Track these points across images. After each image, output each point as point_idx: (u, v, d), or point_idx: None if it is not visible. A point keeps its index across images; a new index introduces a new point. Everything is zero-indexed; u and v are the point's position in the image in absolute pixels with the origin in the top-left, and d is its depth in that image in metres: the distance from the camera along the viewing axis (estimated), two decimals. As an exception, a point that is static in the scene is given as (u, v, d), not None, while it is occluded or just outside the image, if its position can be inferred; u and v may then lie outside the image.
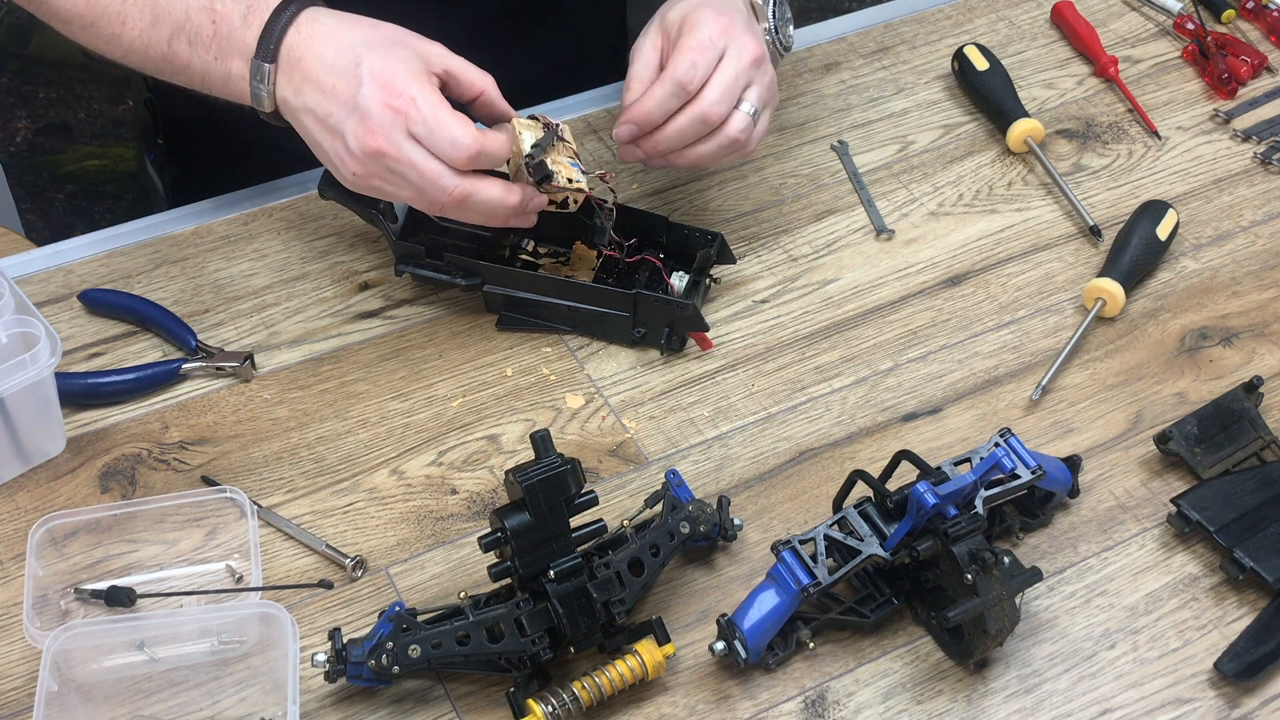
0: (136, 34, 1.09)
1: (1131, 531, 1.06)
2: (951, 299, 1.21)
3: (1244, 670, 0.97)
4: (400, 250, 1.15)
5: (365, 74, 1.02)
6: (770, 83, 1.13)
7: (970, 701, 0.97)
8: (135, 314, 1.17)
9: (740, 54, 1.09)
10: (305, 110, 1.05)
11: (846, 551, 0.95)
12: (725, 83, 1.09)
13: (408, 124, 1.01)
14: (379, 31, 1.05)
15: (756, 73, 1.11)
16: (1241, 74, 1.39)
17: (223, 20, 1.06)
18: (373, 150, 1.02)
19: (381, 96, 1.01)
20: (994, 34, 1.44)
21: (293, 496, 1.07)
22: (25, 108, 2.64)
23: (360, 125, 1.02)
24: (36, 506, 1.05)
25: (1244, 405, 1.09)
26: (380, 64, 1.02)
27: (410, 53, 1.04)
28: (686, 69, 1.08)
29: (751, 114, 1.10)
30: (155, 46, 1.09)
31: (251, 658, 0.97)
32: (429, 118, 1.01)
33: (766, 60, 1.12)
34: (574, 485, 0.93)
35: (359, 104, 1.02)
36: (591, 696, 0.93)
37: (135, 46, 1.10)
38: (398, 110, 1.01)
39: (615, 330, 1.16)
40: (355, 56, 1.02)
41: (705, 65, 1.08)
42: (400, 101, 1.01)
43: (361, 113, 1.02)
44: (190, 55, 1.08)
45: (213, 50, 1.07)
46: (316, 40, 1.04)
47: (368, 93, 1.01)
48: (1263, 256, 1.25)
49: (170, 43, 1.08)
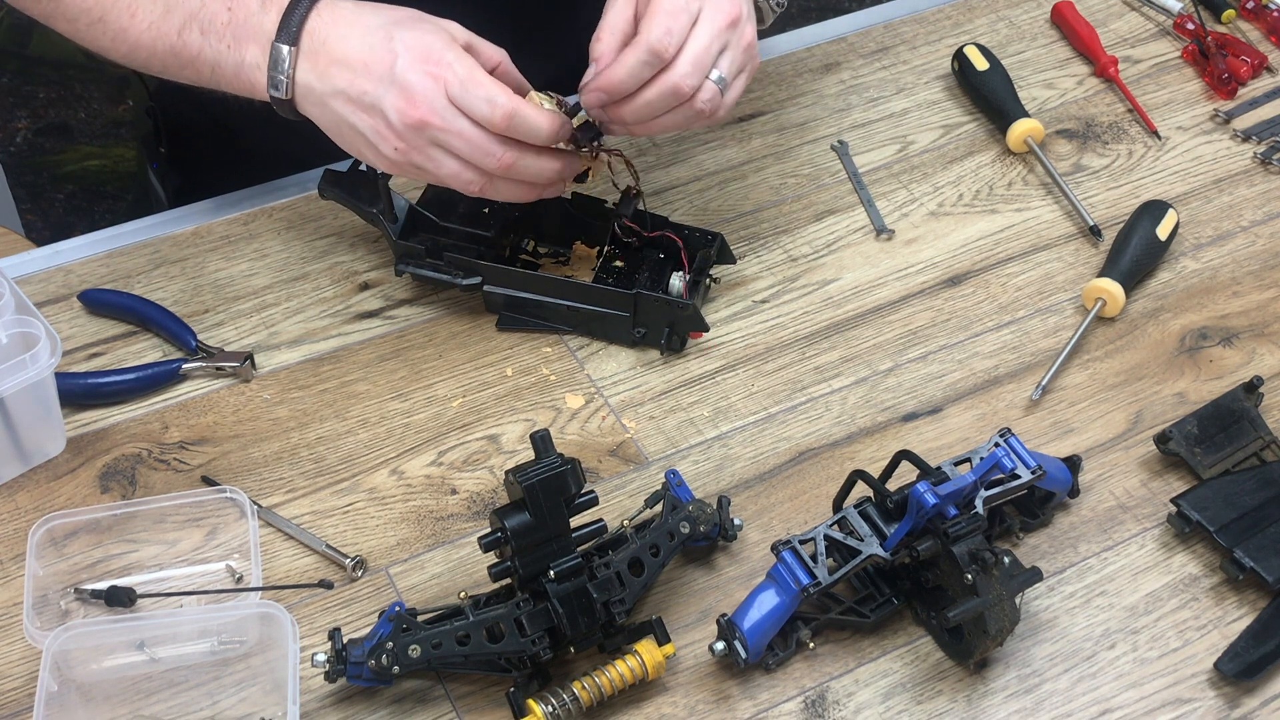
0: (145, 25, 1.08)
1: (1131, 531, 1.06)
2: (951, 299, 1.21)
3: (1244, 670, 0.97)
4: (400, 250, 1.15)
5: (399, 47, 1.01)
6: (747, 45, 1.07)
7: (970, 701, 0.97)
8: (135, 314, 1.17)
9: (715, 17, 1.04)
10: (335, 93, 1.03)
11: (846, 551, 0.95)
12: (697, 52, 1.04)
13: (446, 87, 1.00)
14: (399, 12, 1.05)
15: (731, 35, 1.06)
16: (1241, 74, 1.39)
17: (239, 6, 1.05)
18: (416, 121, 1.01)
19: (419, 64, 1.00)
20: (994, 34, 1.44)
21: (293, 496, 1.07)
22: (25, 108, 2.64)
23: (401, 97, 1.01)
24: (36, 506, 1.05)
25: (1244, 405, 1.09)
26: (412, 36, 1.02)
27: (436, 26, 1.04)
28: (661, 35, 1.02)
29: (719, 83, 1.05)
30: (164, 38, 1.08)
31: (251, 658, 0.97)
32: (465, 79, 1.00)
33: (744, 21, 1.06)
34: (574, 485, 0.93)
35: (397, 76, 1.01)
36: (591, 696, 0.93)
37: (143, 40, 1.08)
38: (435, 76, 1.00)
39: (615, 330, 1.16)
40: (385, 33, 1.02)
41: (680, 31, 1.03)
42: (437, 67, 1.00)
43: (401, 84, 1.01)
44: (201, 44, 1.07)
45: (226, 38, 1.06)
46: (340, 23, 1.04)
47: (405, 63, 1.01)
48: (1263, 256, 1.25)
49: (181, 32, 1.07)
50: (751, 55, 1.09)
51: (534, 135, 1.04)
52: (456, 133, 1.01)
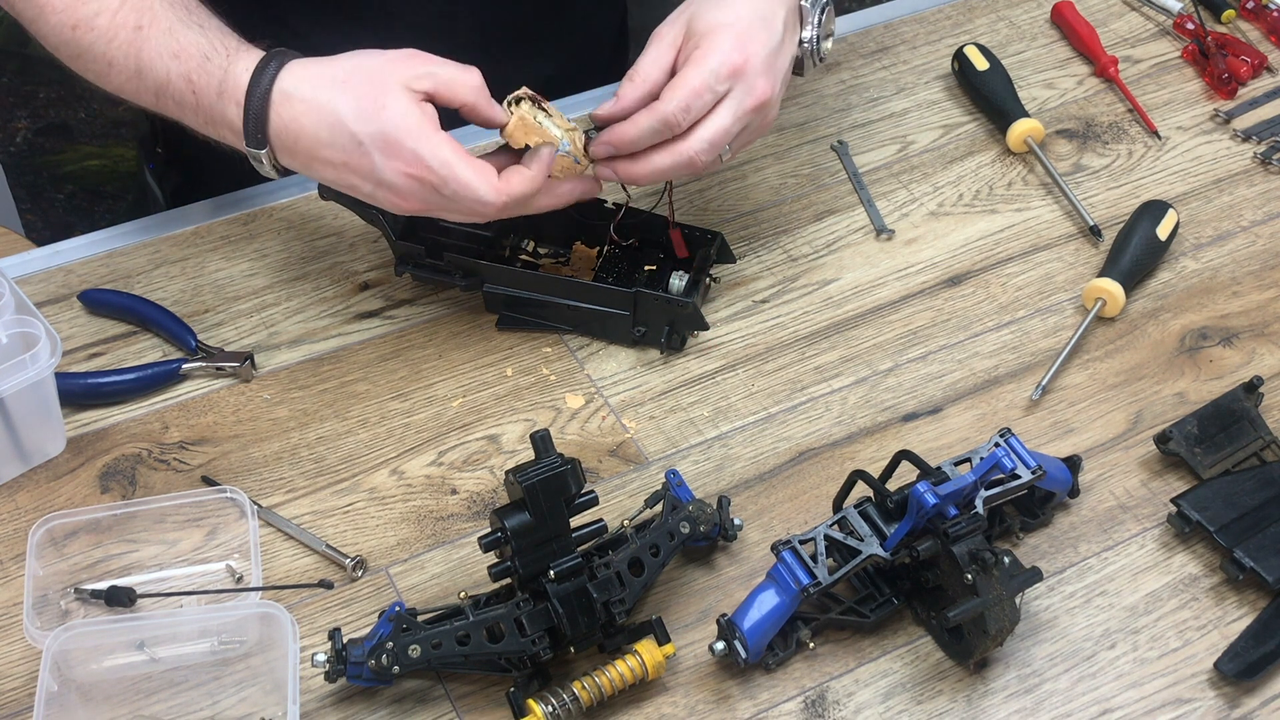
0: (123, 80, 1.07)
1: (1131, 531, 1.06)
2: (951, 299, 1.21)
3: (1244, 670, 0.97)
4: (400, 250, 1.15)
5: (369, 148, 0.99)
6: (766, 124, 1.08)
7: (970, 701, 0.97)
8: (135, 314, 1.17)
9: (744, 99, 1.04)
10: (329, 179, 1.04)
11: (846, 551, 0.95)
12: (715, 132, 1.04)
13: (434, 188, 1.00)
14: (351, 81, 1.00)
15: (755, 117, 1.06)
16: (1241, 74, 1.39)
17: (201, 93, 1.04)
18: (412, 210, 1.03)
19: (397, 167, 1.00)
20: (994, 34, 1.44)
21: (293, 496, 1.07)
22: (25, 108, 2.64)
23: (392, 194, 1.02)
24: (36, 506, 1.05)
25: (1244, 405, 1.09)
26: (375, 130, 0.99)
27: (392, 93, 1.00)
28: (677, 111, 1.03)
29: (724, 153, 1.07)
30: (143, 97, 1.07)
31: (251, 658, 0.97)
32: (449, 181, 0.99)
33: (771, 103, 1.07)
34: (574, 485, 0.93)
35: (381, 178, 1.01)
36: (591, 696, 0.93)
37: (124, 91, 1.08)
38: (417, 179, 1.00)
39: (615, 330, 1.16)
40: (349, 133, 0.99)
41: (699, 109, 1.03)
42: (414, 168, 0.99)
43: (388, 185, 1.01)
44: (180, 114, 1.07)
45: (200, 118, 1.06)
46: (301, 119, 1.01)
47: (382, 165, 1.00)
48: (1263, 256, 1.25)
49: (157, 98, 1.06)
50: (766, 128, 1.10)
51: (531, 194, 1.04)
52: (450, 211, 1.03)
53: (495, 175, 1.01)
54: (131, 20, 1.05)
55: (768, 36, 1.05)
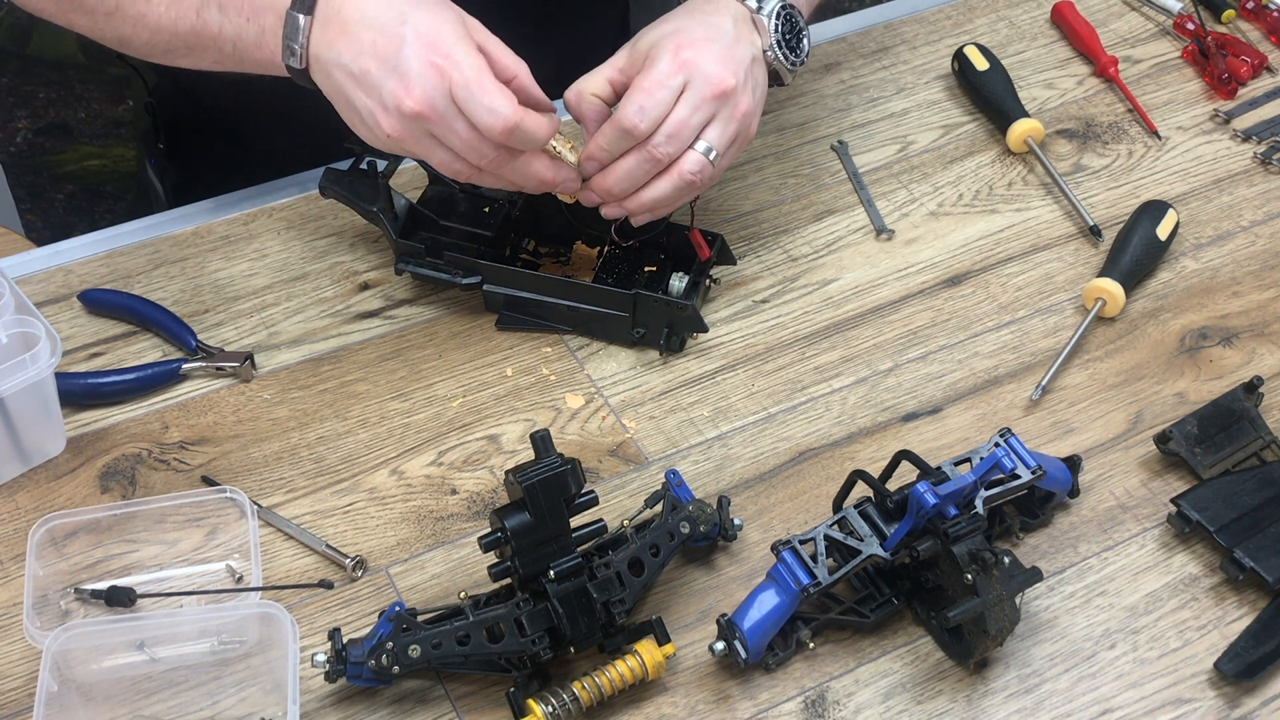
0: (164, 8, 1.05)
1: (1131, 531, 1.06)
2: (951, 299, 1.21)
3: (1244, 670, 0.97)
4: (400, 250, 1.15)
5: (409, 31, 0.98)
6: (740, 116, 1.07)
7: (970, 701, 0.97)
8: (135, 314, 1.17)
9: (701, 88, 1.04)
10: (337, 65, 1.00)
11: (846, 551, 0.95)
12: (676, 122, 1.04)
13: (450, 85, 0.98)
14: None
15: (721, 106, 1.05)
16: (1241, 74, 1.39)
17: None
18: (412, 113, 0.99)
19: (425, 54, 0.97)
20: (994, 34, 1.44)
21: (293, 496, 1.07)
22: (25, 108, 2.64)
23: (400, 85, 0.98)
24: (36, 506, 1.05)
25: (1244, 405, 1.09)
26: (426, 21, 0.98)
27: (456, 16, 1.00)
28: (633, 114, 1.03)
29: (708, 153, 1.06)
30: (184, 19, 1.05)
31: (251, 658, 0.97)
32: (471, 81, 0.97)
33: (737, 92, 1.05)
34: (574, 485, 0.93)
35: (400, 63, 0.98)
36: (591, 696, 0.93)
37: (163, 22, 1.06)
38: (441, 70, 0.97)
39: (615, 330, 1.16)
40: (400, 12, 0.98)
41: (655, 106, 1.03)
42: (444, 61, 0.97)
43: (402, 73, 0.98)
44: (221, 21, 1.04)
45: (245, 11, 1.03)
46: None
47: (411, 51, 0.98)
48: (1263, 256, 1.25)
49: (200, 11, 1.04)
50: (744, 126, 1.08)
51: (532, 146, 1.03)
52: (452, 131, 0.99)
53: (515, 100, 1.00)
54: None
55: (712, 34, 1.06)
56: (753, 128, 1.09)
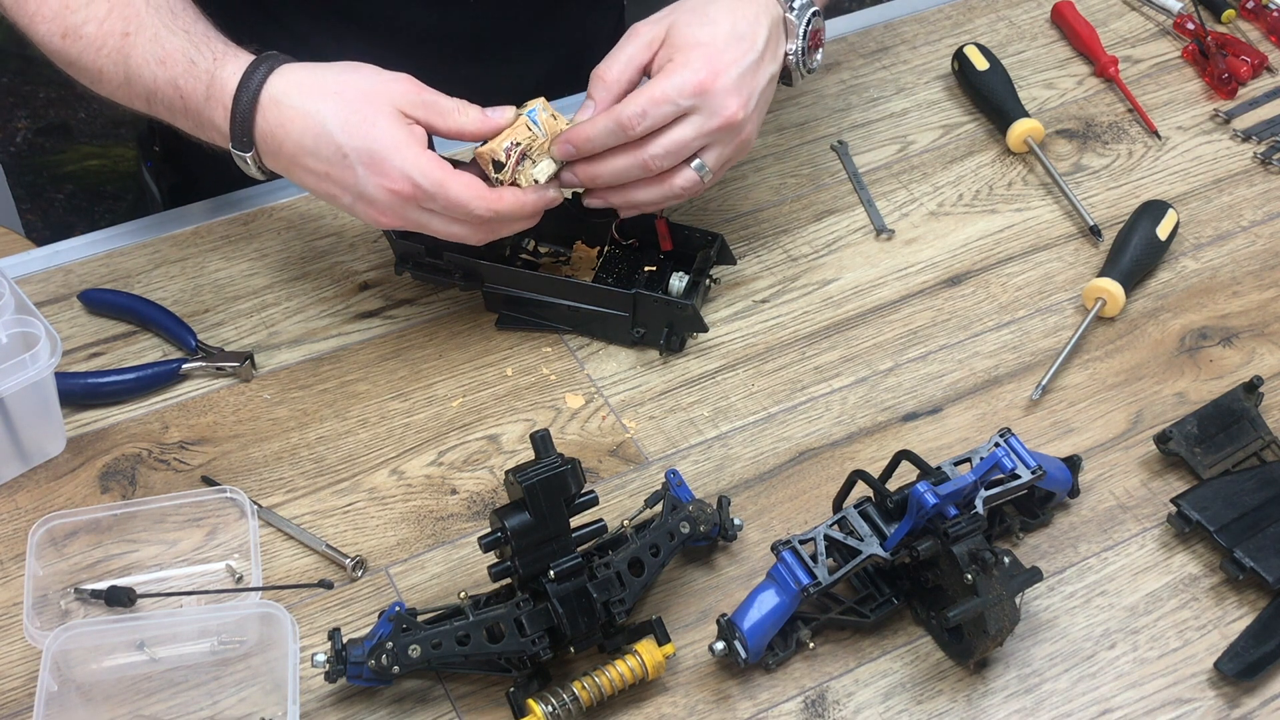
0: (114, 88, 1.08)
1: (1131, 531, 1.06)
2: (951, 299, 1.21)
3: (1244, 670, 0.97)
4: (400, 250, 1.15)
5: (353, 162, 1.00)
6: (740, 142, 1.07)
7: (970, 701, 0.97)
8: (135, 314, 1.17)
9: (709, 118, 1.04)
10: (310, 187, 1.04)
11: (846, 551, 0.95)
12: (675, 142, 1.04)
13: (418, 203, 1.01)
14: (344, 94, 1.00)
15: (724, 136, 1.05)
16: (1241, 74, 1.39)
17: (188, 97, 1.04)
18: (388, 225, 1.04)
19: (379, 182, 1.00)
20: (994, 34, 1.44)
21: (293, 496, 1.07)
22: (25, 108, 2.64)
23: (372, 208, 1.02)
24: (36, 506, 1.05)
25: (1244, 405, 1.09)
26: (361, 145, 0.99)
27: (383, 113, 1.00)
28: (633, 115, 1.02)
29: (700, 170, 1.06)
30: (135, 103, 1.08)
31: (251, 658, 0.97)
32: (436, 195, 1.00)
33: (744, 123, 1.06)
34: (574, 485, 0.93)
35: (362, 192, 1.01)
36: (591, 696, 0.93)
37: (117, 97, 1.09)
38: (401, 194, 1.00)
39: (615, 330, 1.16)
40: (334, 145, 1.00)
41: (656, 118, 1.03)
42: (399, 185, 1.00)
43: (368, 199, 1.01)
44: (171, 119, 1.07)
45: (190, 122, 1.06)
46: (287, 125, 1.01)
47: (364, 179, 1.00)
48: (1263, 256, 1.25)
49: (148, 104, 1.07)
50: (743, 151, 1.09)
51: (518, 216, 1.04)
52: (438, 219, 1.03)
53: (483, 188, 1.02)
54: (118, 28, 1.05)
55: (742, 55, 1.05)
56: (751, 145, 1.10)
